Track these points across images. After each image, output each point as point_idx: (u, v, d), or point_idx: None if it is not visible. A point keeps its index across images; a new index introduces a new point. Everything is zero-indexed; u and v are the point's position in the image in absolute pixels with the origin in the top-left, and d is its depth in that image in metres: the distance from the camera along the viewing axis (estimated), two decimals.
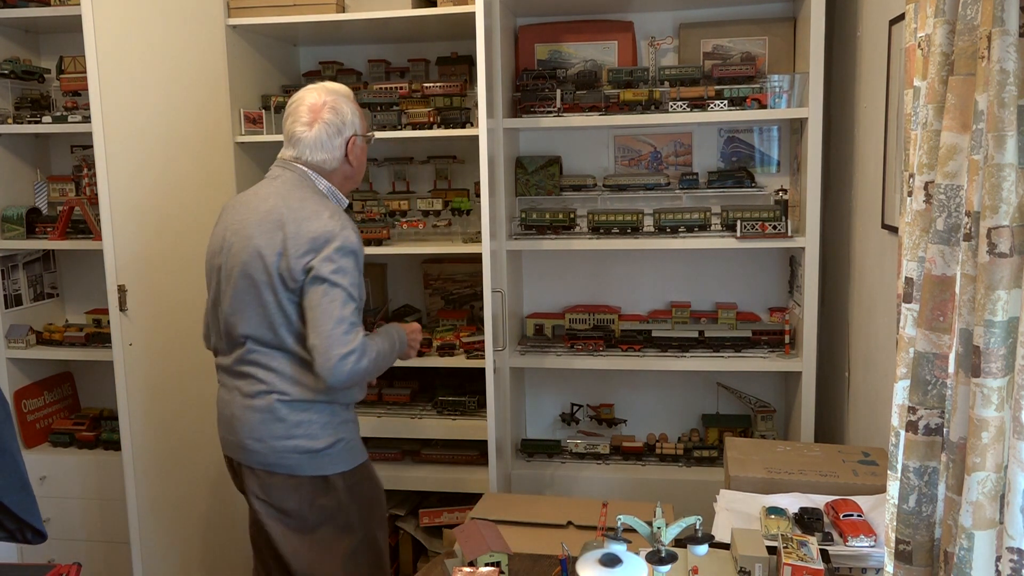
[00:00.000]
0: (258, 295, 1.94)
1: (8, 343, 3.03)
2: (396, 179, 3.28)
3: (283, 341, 1.95)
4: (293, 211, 1.94)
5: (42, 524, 1.69)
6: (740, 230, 2.73)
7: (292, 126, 2.04)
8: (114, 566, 3.03)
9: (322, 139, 2.02)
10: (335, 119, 2.03)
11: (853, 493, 1.89)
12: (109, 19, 2.40)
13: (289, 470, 1.98)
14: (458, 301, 3.32)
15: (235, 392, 2.02)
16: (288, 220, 1.93)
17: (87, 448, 3.14)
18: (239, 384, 2.02)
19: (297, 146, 2.04)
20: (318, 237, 1.90)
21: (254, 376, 1.99)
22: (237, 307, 1.97)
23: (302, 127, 2.02)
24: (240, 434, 2.00)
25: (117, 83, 2.44)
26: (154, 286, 2.60)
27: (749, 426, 3.06)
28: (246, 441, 2.00)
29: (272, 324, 1.94)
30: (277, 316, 1.93)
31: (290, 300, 1.92)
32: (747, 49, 2.95)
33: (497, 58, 2.70)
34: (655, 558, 1.35)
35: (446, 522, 3.05)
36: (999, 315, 1.09)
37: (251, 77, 3.05)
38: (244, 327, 1.97)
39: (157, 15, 2.60)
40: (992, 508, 1.12)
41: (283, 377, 1.97)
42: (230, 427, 2.03)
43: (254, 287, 1.94)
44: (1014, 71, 1.06)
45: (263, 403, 1.97)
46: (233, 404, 2.02)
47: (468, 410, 3.06)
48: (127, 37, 2.49)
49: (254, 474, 2.02)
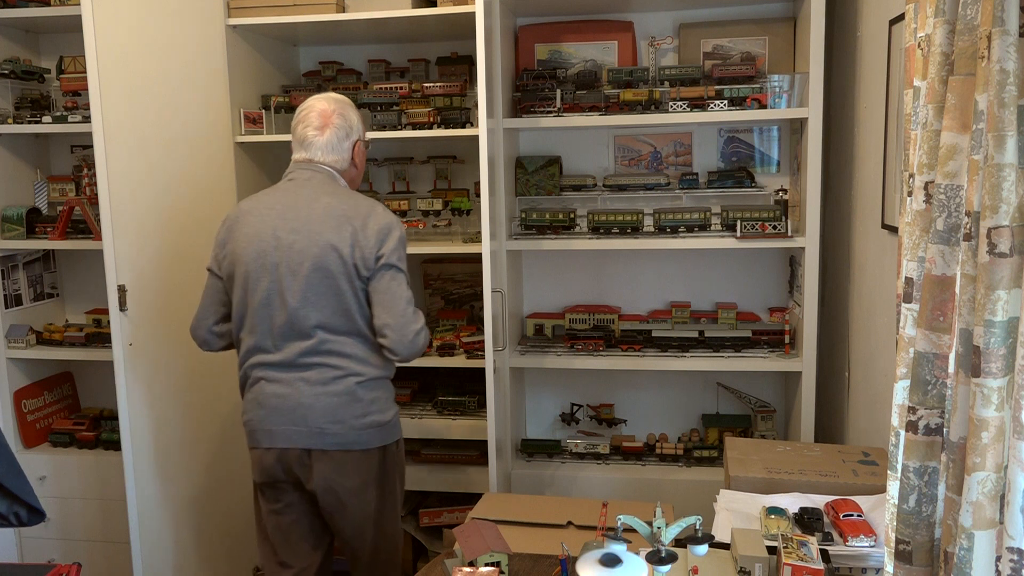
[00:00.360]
0: (335, 285, 2.07)
1: (8, 343, 3.03)
2: (396, 179, 3.28)
3: (357, 326, 2.11)
4: (351, 207, 2.11)
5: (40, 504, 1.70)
6: (740, 230, 2.73)
7: (305, 131, 2.18)
8: (114, 566, 3.03)
9: (333, 142, 2.19)
10: (344, 124, 2.20)
11: (853, 493, 1.89)
12: (109, 19, 2.40)
13: (364, 445, 2.14)
14: (458, 301, 3.32)
15: (299, 383, 2.11)
16: (352, 215, 2.10)
17: (87, 448, 3.14)
18: (306, 375, 2.11)
19: (310, 149, 2.18)
20: (382, 228, 2.10)
21: (327, 364, 2.11)
22: (310, 299, 2.08)
23: (314, 131, 2.18)
24: (315, 421, 2.10)
25: (117, 83, 2.44)
26: (154, 286, 2.60)
27: (749, 426, 3.06)
28: (324, 426, 2.10)
29: (348, 311, 2.09)
30: (353, 303, 2.09)
31: (361, 288, 2.10)
32: (747, 49, 2.96)
33: (497, 58, 2.70)
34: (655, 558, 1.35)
35: (446, 522, 3.06)
36: (999, 315, 1.09)
37: (251, 77, 3.05)
38: (317, 317, 2.09)
39: (157, 15, 2.60)
40: (992, 508, 1.12)
41: (357, 360, 2.12)
42: (294, 417, 2.11)
43: (330, 278, 2.07)
44: (1014, 71, 1.06)
45: (341, 387, 2.11)
46: (299, 395, 2.10)
47: (468, 410, 3.06)
48: (127, 37, 2.49)
49: (328, 456, 2.12)
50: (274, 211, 2.13)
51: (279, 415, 2.12)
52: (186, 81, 2.73)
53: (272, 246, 2.10)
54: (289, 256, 2.08)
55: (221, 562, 2.94)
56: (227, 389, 2.94)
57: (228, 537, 2.97)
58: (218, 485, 2.90)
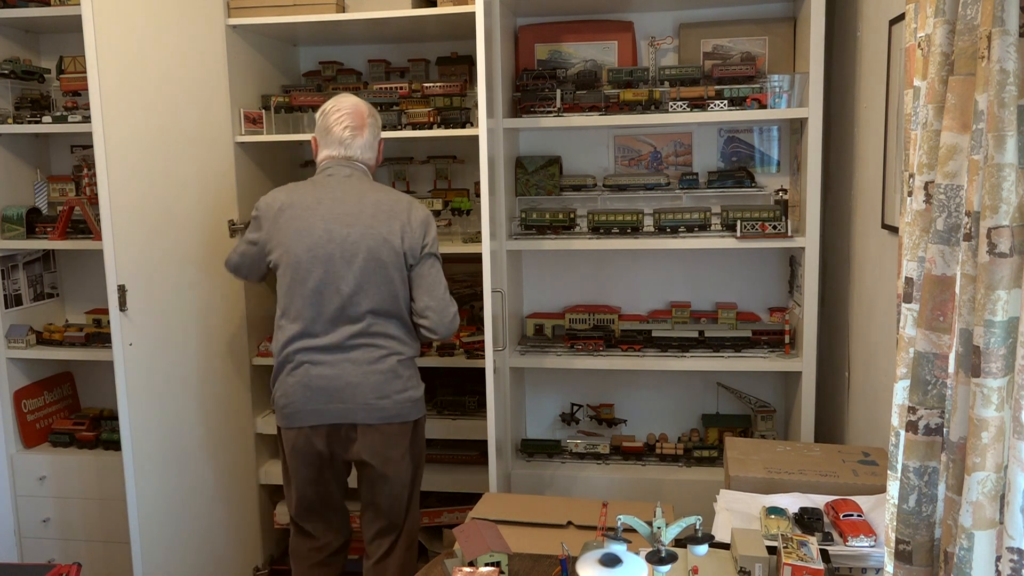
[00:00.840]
0: (386, 274, 2.28)
1: (8, 343, 3.03)
2: (396, 179, 3.28)
3: (400, 310, 2.33)
4: (395, 202, 2.33)
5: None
6: (740, 230, 2.73)
7: (343, 131, 2.35)
8: (114, 566, 3.03)
9: (369, 141, 2.40)
10: (375, 123, 2.42)
11: (853, 493, 1.89)
12: (109, 19, 2.40)
13: (403, 418, 2.34)
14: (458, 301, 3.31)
15: (345, 364, 2.29)
16: (398, 209, 2.31)
17: (87, 448, 3.14)
18: (351, 355, 2.29)
19: (350, 147, 2.36)
20: (424, 221, 2.33)
21: (375, 344, 2.31)
22: (363, 286, 2.27)
23: (353, 131, 2.36)
24: (362, 397, 2.29)
25: (117, 83, 2.44)
26: (154, 286, 2.60)
27: (749, 426, 3.06)
28: (372, 401, 2.30)
29: (395, 297, 2.31)
30: (400, 289, 2.31)
31: (406, 276, 2.32)
32: (747, 49, 2.96)
33: (497, 58, 2.70)
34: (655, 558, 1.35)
35: (446, 522, 3.06)
36: (999, 315, 1.09)
37: (251, 77, 3.05)
38: (369, 303, 2.28)
39: (157, 15, 2.60)
40: (992, 508, 1.12)
41: (399, 340, 2.34)
42: (342, 396, 2.29)
43: (383, 267, 2.27)
44: (1014, 71, 1.06)
45: (386, 365, 2.31)
46: (346, 375, 2.29)
47: (468, 410, 3.06)
48: (127, 37, 2.49)
49: (374, 430, 2.31)
50: (323, 205, 2.29)
51: (326, 395, 2.29)
52: (186, 81, 2.73)
53: (325, 239, 2.27)
54: (343, 248, 2.26)
55: (221, 562, 2.94)
56: (227, 389, 2.94)
57: (228, 537, 2.97)
58: (218, 485, 2.91)
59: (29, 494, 3.08)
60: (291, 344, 2.31)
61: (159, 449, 2.64)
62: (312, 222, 2.27)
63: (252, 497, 3.09)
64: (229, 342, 2.94)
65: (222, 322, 2.91)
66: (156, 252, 2.62)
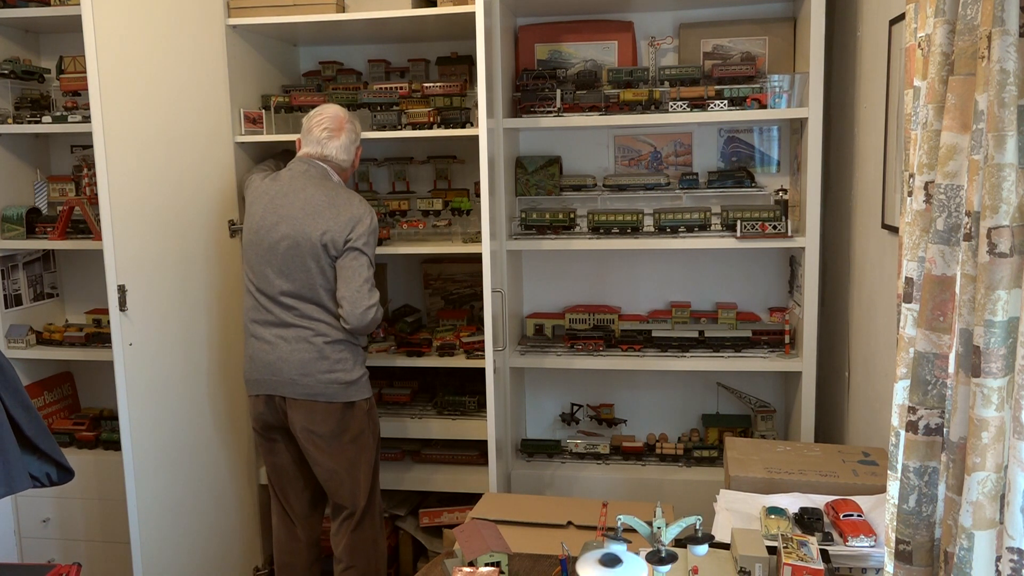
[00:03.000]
0: (303, 262, 2.48)
1: (8, 343, 3.03)
2: (396, 179, 3.28)
3: (320, 297, 2.50)
4: (331, 199, 2.50)
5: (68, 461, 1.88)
6: (740, 230, 2.73)
7: (321, 132, 2.57)
8: (114, 566, 3.03)
9: (346, 144, 2.60)
10: (354, 130, 2.63)
11: (853, 493, 1.89)
12: (109, 19, 2.40)
13: (328, 397, 2.51)
14: (458, 301, 3.32)
15: (279, 341, 2.52)
16: (328, 205, 2.49)
17: (87, 448, 3.14)
18: (283, 333, 2.52)
19: (325, 146, 2.58)
20: (352, 218, 2.48)
21: (300, 325, 2.51)
22: (284, 271, 2.49)
23: (330, 132, 2.58)
24: (288, 373, 2.50)
25: (117, 83, 2.44)
26: (154, 286, 2.60)
27: (749, 426, 3.06)
28: (295, 377, 2.50)
29: (312, 284, 2.49)
30: (318, 278, 2.49)
31: (329, 265, 2.49)
32: (747, 49, 2.96)
33: (497, 58, 2.70)
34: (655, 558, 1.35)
35: (446, 522, 3.05)
36: (999, 315, 1.09)
37: (251, 77, 3.05)
38: (290, 286, 2.50)
39: (157, 15, 2.60)
40: (992, 508, 1.12)
41: (325, 323, 2.51)
42: (275, 369, 2.52)
43: (300, 256, 2.48)
44: (1014, 71, 1.06)
45: (311, 345, 2.50)
46: (278, 350, 2.51)
47: (468, 410, 3.06)
48: (127, 37, 2.49)
49: (299, 404, 2.51)
50: (267, 196, 2.56)
51: (264, 367, 2.54)
52: (186, 81, 2.73)
53: (262, 225, 2.53)
54: (271, 235, 2.51)
55: (221, 562, 2.94)
56: (227, 388, 2.94)
57: (228, 537, 2.97)
58: (218, 484, 2.90)
59: (29, 494, 3.08)
60: (246, 316, 2.60)
61: (159, 449, 2.63)
62: (260, 212, 2.55)
63: (252, 497, 3.09)
64: (229, 342, 2.94)
65: (222, 322, 2.91)
66: (156, 252, 2.62)
